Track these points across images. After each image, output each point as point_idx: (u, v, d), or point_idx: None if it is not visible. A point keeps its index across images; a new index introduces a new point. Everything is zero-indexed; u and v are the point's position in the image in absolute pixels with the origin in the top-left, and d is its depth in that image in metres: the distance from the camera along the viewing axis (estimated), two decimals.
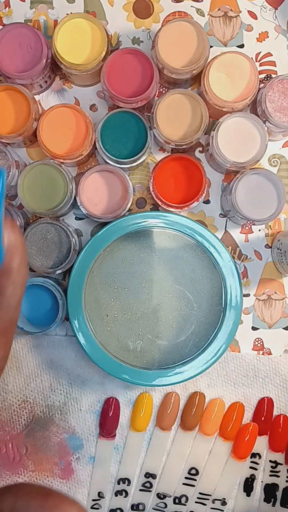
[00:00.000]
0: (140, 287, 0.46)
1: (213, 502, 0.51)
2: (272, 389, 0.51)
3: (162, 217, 0.45)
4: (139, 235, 0.46)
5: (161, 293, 0.46)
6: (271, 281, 0.51)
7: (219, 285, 0.46)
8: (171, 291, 0.46)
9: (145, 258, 0.46)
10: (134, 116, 0.47)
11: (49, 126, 0.47)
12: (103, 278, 0.46)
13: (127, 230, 0.45)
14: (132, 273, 0.46)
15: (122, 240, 0.46)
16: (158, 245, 0.46)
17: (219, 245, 0.45)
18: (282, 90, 0.47)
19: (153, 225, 0.45)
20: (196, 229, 0.45)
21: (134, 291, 0.46)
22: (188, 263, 0.46)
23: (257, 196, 0.47)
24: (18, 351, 0.51)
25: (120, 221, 0.45)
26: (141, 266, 0.46)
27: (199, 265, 0.46)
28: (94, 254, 0.45)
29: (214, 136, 0.47)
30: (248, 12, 0.51)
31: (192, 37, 0.46)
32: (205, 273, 0.46)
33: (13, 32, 0.46)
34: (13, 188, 0.48)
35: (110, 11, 0.51)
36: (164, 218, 0.45)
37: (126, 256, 0.46)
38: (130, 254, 0.46)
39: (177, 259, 0.46)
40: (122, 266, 0.46)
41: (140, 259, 0.46)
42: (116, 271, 0.46)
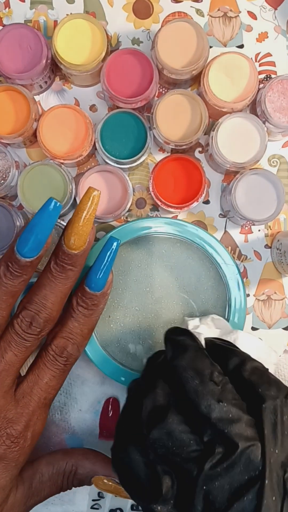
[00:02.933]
0: (144, 291, 0.46)
1: None
2: None
3: (177, 225, 0.45)
4: (149, 240, 0.45)
5: (165, 299, 0.46)
6: (270, 281, 0.51)
7: (223, 297, 0.46)
8: (175, 298, 0.46)
9: (152, 263, 0.46)
10: (134, 117, 0.47)
11: (49, 127, 0.47)
12: None
13: (138, 233, 0.45)
14: (137, 277, 0.46)
15: (131, 243, 0.45)
16: (167, 252, 0.46)
17: (227, 257, 0.45)
18: (281, 91, 0.47)
19: (165, 232, 0.45)
20: (206, 239, 0.45)
21: (138, 294, 0.46)
22: (194, 272, 0.46)
23: (257, 196, 0.47)
24: None
25: (130, 224, 0.45)
26: (147, 270, 0.46)
27: (206, 275, 0.46)
28: None
29: (214, 137, 0.47)
30: (248, 13, 0.51)
31: (192, 37, 0.47)
32: (211, 284, 0.46)
33: (13, 32, 0.46)
34: (13, 189, 0.48)
35: (110, 11, 0.51)
36: (178, 226, 0.45)
37: (134, 259, 0.46)
38: (138, 257, 0.46)
39: (184, 267, 0.46)
40: (129, 269, 0.46)
41: (147, 263, 0.46)
42: (122, 274, 0.46)
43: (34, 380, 0.38)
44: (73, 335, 0.39)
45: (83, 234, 0.36)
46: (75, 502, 0.51)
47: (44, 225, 0.35)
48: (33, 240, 0.35)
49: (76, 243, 0.36)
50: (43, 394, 0.38)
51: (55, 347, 0.38)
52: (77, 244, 0.36)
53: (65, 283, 0.37)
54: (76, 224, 0.36)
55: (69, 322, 0.39)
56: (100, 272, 0.38)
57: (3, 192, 0.47)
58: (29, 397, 0.37)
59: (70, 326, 0.38)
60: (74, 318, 0.38)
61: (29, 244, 0.35)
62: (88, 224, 0.36)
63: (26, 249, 0.35)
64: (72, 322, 0.39)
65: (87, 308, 0.38)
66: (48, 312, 0.37)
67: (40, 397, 0.38)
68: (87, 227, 0.36)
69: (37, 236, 0.35)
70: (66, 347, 0.38)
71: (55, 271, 0.37)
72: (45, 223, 0.35)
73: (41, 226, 0.35)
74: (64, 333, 0.38)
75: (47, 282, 0.37)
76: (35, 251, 0.36)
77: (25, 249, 0.35)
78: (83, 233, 0.36)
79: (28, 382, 0.38)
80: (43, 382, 0.38)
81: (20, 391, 0.38)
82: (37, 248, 0.36)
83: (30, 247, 0.36)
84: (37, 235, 0.35)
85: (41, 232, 0.35)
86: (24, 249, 0.35)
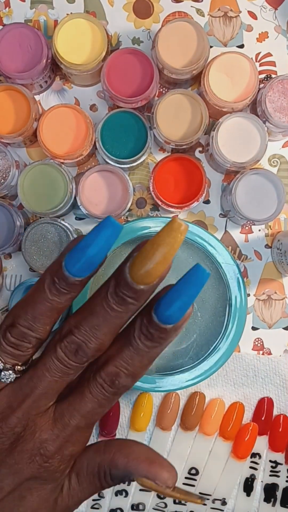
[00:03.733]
0: None
1: (213, 502, 0.51)
2: (272, 389, 0.51)
3: None
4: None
5: None
6: (271, 281, 0.51)
7: (224, 297, 0.46)
8: None
9: None
10: (134, 116, 0.47)
11: (49, 126, 0.47)
12: None
13: (138, 233, 0.45)
14: None
15: (131, 243, 0.45)
16: None
17: (228, 257, 0.45)
18: (282, 90, 0.47)
19: None
20: (207, 239, 0.45)
21: None
22: None
23: (257, 196, 0.47)
24: None
25: (131, 224, 0.45)
26: None
27: None
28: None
29: (214, 136, 0.47)
30: (248, 12, 0.51)
31: (192, 37, 0.46)
32: (212, 283, 0.45)
33: (13, 32, 0.46)
34: (13, 188, 0.48)
35: (110, 11, 0.51)
36: None
37: None
38: None
39: (184, 266, 0.45)
40: None
41: None
42: None
43: (75, 405, 0.33)
44: (129, 366, 0.32)
45: (158, 271, 0.30)
46: None
47: (100, 247, 0.30)
48: (84, 260, 0.30)
49: (147, 279, 0.30)
50: (83, 420, 0.33)
51: (105, 375, 0.32)
52: (147, 280, 0.30)
53: (124, 316, 0.31)
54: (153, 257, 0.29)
55: (126, 351, 0.32)
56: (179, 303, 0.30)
57: (3, 192, 0.47)
58: (67, 421, 0.33)
59: (127, 355, 0.32)
60: (133, 348, 0.32)
61: (80, 264, 0.31)
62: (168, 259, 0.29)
63: (76, 269, 0.31)
64: (130, 351, 0.32)
65: (151, 340, 0.31)
66: (98, 342, 0.32)
67: (80, 423, 0.33)
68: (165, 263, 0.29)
69: (90, 257, 0.30)
70: (118, 378, 0.32)
71: (113, 302, 0.31)
72: (101, 245, 0.30)
73: (96, 247, 0.30)
74: (119, 361, 0.32)
75: (101, 311, 0.31)
76: (86, 271, 0.31)
77: (74, 269, 0.31)
78: (159, 269, 0.29)
79: (69, 405, 0.33)
80: (86, 410, 0.33)
81: (59, 411, 0.34)
82: (88, 269, 0.31)
83: (80, 267, 0.31)
84: (90, 256, 0.30)
85: (96, 254, 0.30)
86: (73, 269, 0.31)
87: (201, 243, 0.45)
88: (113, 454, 0.35)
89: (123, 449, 0.35)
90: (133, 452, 0.35)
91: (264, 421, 0.51)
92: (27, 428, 0.33)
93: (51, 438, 0.33)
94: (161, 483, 0.34)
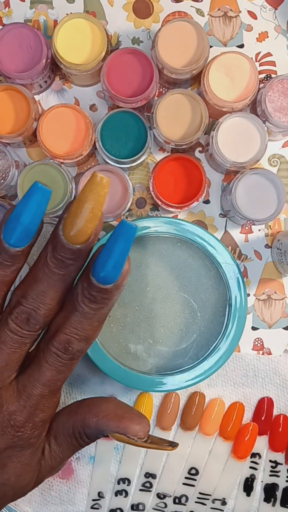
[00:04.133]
0: (145, 291, 0.46)
1: (213, 502, 0.51)
2: (272, 389, 0.51)
3: (176, 224, 0.45)
4: (149, 240, 0.45)
5: (166, 299, 0.46)
6: (271, 281, 0.51)
7: (224, 297, 0.46)
8: (176, 298, 0.46)
9: (152, 262, 0.45)
10: (134, 116, 0.47)
11: (49, 126, 0.47)
12: None
13: (138, 233, 0.44)
14: (138, 277, 0.46)
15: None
16: (167, 251, 0.45)
17: (228, 257, 0.45)
18: (282, 90, 0.47)
19: (165, 231, 0.45)
20: (206, 239, 0.45)
21: (138, 294, 0.46)
22: (195, 272, 0.46)
23: (257, 196, 0.47)
24: None
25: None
26: (148, 270, 0.45)
27: (206, 274, 0.46)
28: None
29: (214, 136, 0.47)
30: (248, 12, 0.51)
31: (192, 37, 0.46)
32: (212, 283, 0.45)
33: (13, 32, 0.46)
34: (13, 188, 0.48)
35: (110, 11, 0.51)
36: (178, 225, 0.45)
37: (134, 259, 0.45)
38: (138, 257, 0.45)
39: (184, 266, 0.45)
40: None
41: (147, 263, 0.45)
42: None
43: (35, 375, 0.34)
44: (78, 331, 0.33)
45: (89, 228, 0.30)
46: (75, 502, 0.51)
47: (32, 213, 0.30)
48: (21, 229, 0.31)
49: (79, 237, 0.30)
50: (45, 388, 0.34)
51: (58, 344, 0.33)
52: (80, 239, 0.30)
53: (67, 278, 0.32)
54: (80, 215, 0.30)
55: (73, 316, 0.33)
56: (111, 261, 0.30)
57: (3, 192, 0.47)
58: (30, 391, 0.34)
59: (74, 321, 0.33)
60: (79, 313, 0.32)
61: (17, 233, 0.31)
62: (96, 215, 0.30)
63: (14, 239, 0.31)
64: (77, 317, 0.32)
65: (95, 302, 0.32)
66: (47, 308, 0.33)
67: (43, 392, 0.34)
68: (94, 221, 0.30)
69: (25, 225, 0.31)
70: (71, 344, 0.33)
71: (53, 265, 0.31)
72: (32, 211, 0.30)
73: (28, 214, 0.30)
74: (68, 328, 0.33)
75: (44, 277, 0.32)
76: (25, 240, 0.31)
77: (12, 239, 0.31)
78: (89, 226, 0.30)
79: (29, 376, 0.34)
80: (45, 378, 0.34)
81: (21, 383, 0.34)
82: (26, 238, 0.31)
83: (18, 236, 0.31)
84: (25, 224, 0.31)
85: (30, 221, 0.31)
86: (11, 239, 0.31)
87: (201, 243, 0.45)
88: (84, 415, 0.36)
89: (92, 409, 0.36)
90: (102, 410, 0.36)
91: (264, 421, 0.51)
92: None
93: (19, 409, 0.34)
94: (132, 436, 0.35)
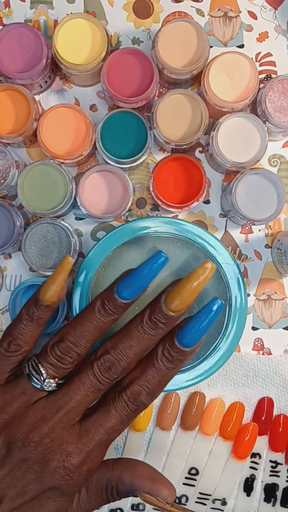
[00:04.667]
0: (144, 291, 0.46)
1: (213, 502, 0.51)
2: (272, 389, 0.51)
3: (176, 224, 0.45)
4: (149, 240, 0.45)
5: None
6: (271, 281, 0.51)
7: (224, 297, 0.45)
8: None
9: None
10: (134, 116, 0.47)
11: (49, 126, 0.47)
12: (109, 280, 0.45)
13: (138, 233, 0.45)
14: None
15: (131, 243, 0.45)
16: (167, 251, 0.45)
17: (228, 257, 0.45)
18: (282, 90, 0.47)
19: (165, 231, 0.45)
20: (206, 239, 0.44)
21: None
22: None
23: (257, 196, 0.47)
24: None
25: (130, 224, 0.45)
26: None
27: None
28: (102, 255, 0.45)
29: (214, 136, 0.47)
30: (248, 12, 0.51)
31: (192, 37, 0.46)
32: (211, 283, 0.45)
33: (13, 32, 0.46)
34: (13, 188, 0.48)
35: (110, 11, 0.51)
36: (178, 225, 0.45)
37: (134, 259, 0.45)
38: (138, 257, 0.45)
39: (184, 266, 0.45)
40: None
41: None
42: None
43: (101, 421, 0.38)
44: (150, 385, 0.38)
45: (188, 301, 0.37)
46: None
47: (150, 275, 0.38)
48: (136, 286, 0.38)
49: (177, 307, 0.37)
50: (105, 435, 0.38)
51: (130, 393, 0.38)
52: (178, 308, 0.37)
53: (153, 339, 0.38)
54: (184, 291, 0.37)
55: (149, 371, 0.38)
56: (197, 330, 0.38)
57: (3, 192, 0.47)
58: (92, 436, 0.38)
59: (149, 375, 0.38)
60: (155, 369, 0.38)
61: (131, 288, 0.38)
62: (196, 293, 0.37)
63: (126, 293, 0.38)
64: (152, 371, 0.38)
65: (171, 361, 0.38)
66: (128, 362, 0.38)
67: (102, 438, 0.38)
68: (193, 296, 0.37)
69: (141, 283, 0.38)
70: (140, 395, 0.38)
71: (147, 325, 0.38)
72: (151, 273, 0.38)
73: (147, 275, 0.38)
74: (142, 381, 0.38)
75: (136, 333, 0.38)
76: (134, 295, 0.38)
77: (125, 292, 0.38)
78: (188, 300, 0.37)
79: (94, 421, 0.38)
80: (109, 425, 0.38)
81: (85, 427, 0.38)
82: (136, 293, 0.38)
83: (130, 291, 0.38)
84: (141, 282, 0.38)
85: (145, 280, 0.38)
86: (124, 292, 0.38)
87: (201, 243, 0.45)
88: (120, 472, 0.39)
89: (129, 468, 0.39)
90: (138, 470, 0.39)
91: (264, 421, 0.51)
92: (55, 440, 0.37)
93: (75, 452, 0.37)
94: (161, 499, 0.38)
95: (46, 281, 0.39)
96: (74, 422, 0.38)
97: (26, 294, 0.49)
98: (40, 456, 0.37)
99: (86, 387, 0.38)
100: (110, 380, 0.38)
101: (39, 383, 0.38)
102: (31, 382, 0.38)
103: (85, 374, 0.38)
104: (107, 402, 0.38)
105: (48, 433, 0.37)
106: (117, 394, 0.38)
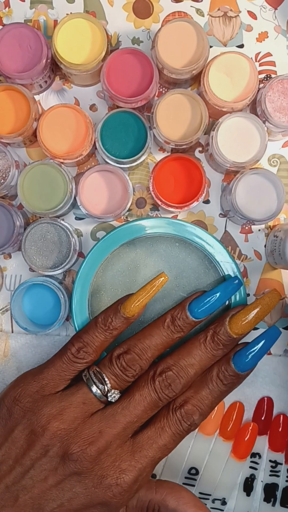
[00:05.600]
0: None
1: (213, 502, 0.51)
2: (272, 389, 0.51)
3: (175, 224, 0.45)
4: (148, 240, 0.45)
5: (165, 298, 0.45)
6: (271, 281, 0.51)
7: None
8: (175, 298, 0.45)
9: (151, 263, 0.45)
10: (134, 116, 0.47)
11: (49, 126, 0.47)
12: (108, 280, 0.45)
13: (137, 233, 0.45)
14: (137, 278, 0.45)
15: (130, 243, 0.45)
16: (166, 251, 0.45)
17: (227, 256, 0.45)
18: (281, 90, 0.47)
19: (164, 232, 0.45)
20: (205, 238, 0.45)
21: None
22: (194, 272, 0.45)
23: (257, 196, 0.47)
24: (18, 351, 0.51)
25: (130, 224, 0.45)
26: (146, 271, 0.45)
27: (205, 274, 0.45)
28: (101, 256, 0.45)
29: (214, 136, 0.47)
30: (248, 12, 0.51)
31: (192, 37, 0.47)
32: (211, 283, 0.45)
33: (13, 32, 0.46)
34: (13, 188, 0.48)
35: (110, 11, 0.51)
36: (177, 225, 0.45)
37: (133, 260, 0.45)
38: (137, 257, 0.45)
39: (183, 266, 0.45)
40: (128, 269, 0.45)
41: (146, 263, 0.45)
42: (121, 274, 0.45)
43: (155, 438, 0.38)
44: (203, 406, 0.39)
45: (251, 326, 0.39)
46: None
47: (224, 297, 0.40)
48: (209, 306, 0.39)
49: (242, 331, 0.39)
50: (158, 453, 0.38)
51: (184, 412, 0.38)
52: (241, 332, 0.39)
53: (212, 359, 0.39)
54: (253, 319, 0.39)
55: (203, 392, 0.39)
56: (254, 356, 0.39)
57: (3, 192, 0.47)
58: (145, 453, 0.37)
59: (203, 395, 0.39)
60: (209, 390, 0.39)
61: (204, 308, 0.39)
62: (261, 318, 0.39)
63: (199, 312, 0.39)
64: (206, 392, 0.39)
65: (225, 384, 0.39)
66: (188, 380, 0.38)
67: (155, 456, 0.38)
68: (258, 321, 0.39)
69: (214, 304, 0.40)
70: (194, 415, 0.38)
71: (209, 346, 0.39)
72: (225, 296, 0.40)
73: (220, 297, 0.40)
74: (196, 401, 0.39)
75: (198, 352, 0.39)
76: (205, 314, 0.39)
77: (197, 311, 0.39)
78: (252, 325, 0.39)
79: (148, 438, 0.38)
80: (162, 443, 0.38)
81: (138, 444, 0.38)
82: (207, 313, 0.39)
83: (203, 310, 0.39)
84: (214, 303, 0.40)
85: (218, 302, 0.40)
86: (196, 310, 0.39)
87: (199, 243, 0.45)
88: (165, 495, 0.39)
89: (174, 493, 0.40)
90: (183, 497, 0.39)
91: (264, 421, 0.51)
92: (110, 456, 0.37)
93: (129, 469, 0.37)
94: None
95: (136, 293, 0.40)
96: (127, 439, 0.38)
97: (28, 293, 0.49)
98: (95, 472, 0.36)
99: (146, 402, 0.38)
100: (169, 397, 0.38)
101: (102, 394, 0.37)
102: (92, 391, 0.37)
103: (146, 389, 0.38)
104: (160, 420, 0.38)
105: (105, 448, 0.36)
106: (171, 412, 0.38)
